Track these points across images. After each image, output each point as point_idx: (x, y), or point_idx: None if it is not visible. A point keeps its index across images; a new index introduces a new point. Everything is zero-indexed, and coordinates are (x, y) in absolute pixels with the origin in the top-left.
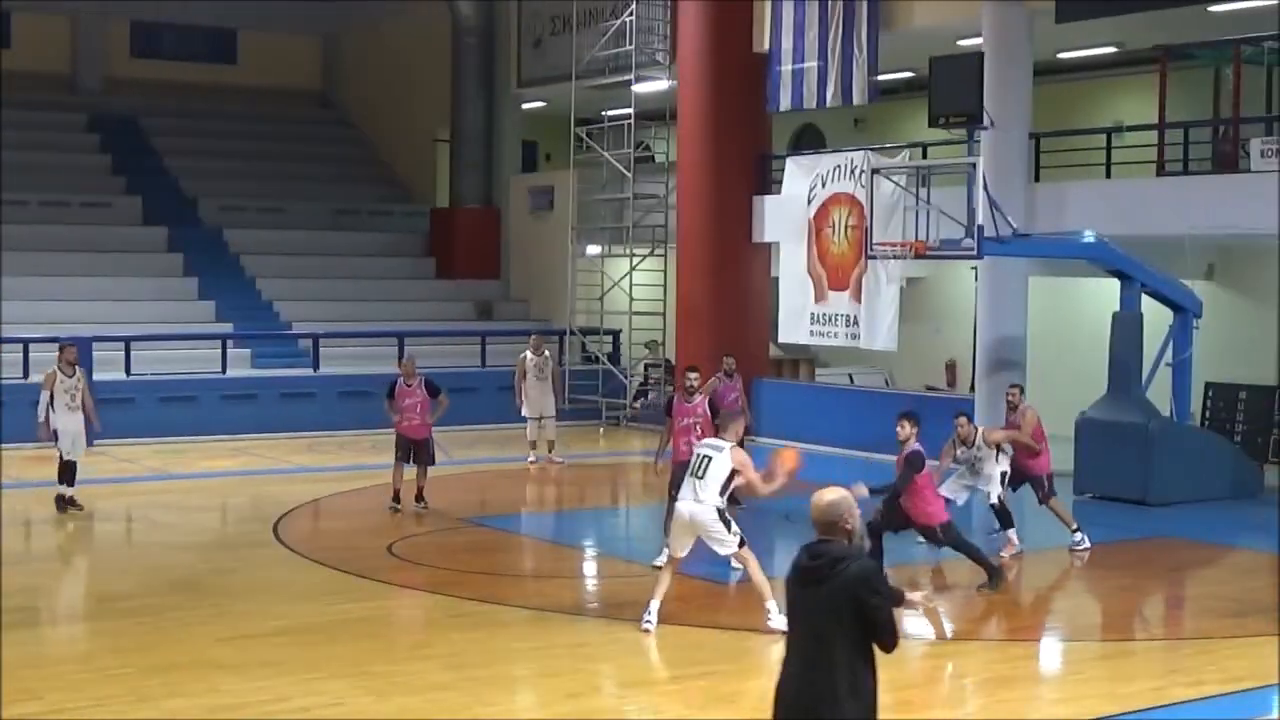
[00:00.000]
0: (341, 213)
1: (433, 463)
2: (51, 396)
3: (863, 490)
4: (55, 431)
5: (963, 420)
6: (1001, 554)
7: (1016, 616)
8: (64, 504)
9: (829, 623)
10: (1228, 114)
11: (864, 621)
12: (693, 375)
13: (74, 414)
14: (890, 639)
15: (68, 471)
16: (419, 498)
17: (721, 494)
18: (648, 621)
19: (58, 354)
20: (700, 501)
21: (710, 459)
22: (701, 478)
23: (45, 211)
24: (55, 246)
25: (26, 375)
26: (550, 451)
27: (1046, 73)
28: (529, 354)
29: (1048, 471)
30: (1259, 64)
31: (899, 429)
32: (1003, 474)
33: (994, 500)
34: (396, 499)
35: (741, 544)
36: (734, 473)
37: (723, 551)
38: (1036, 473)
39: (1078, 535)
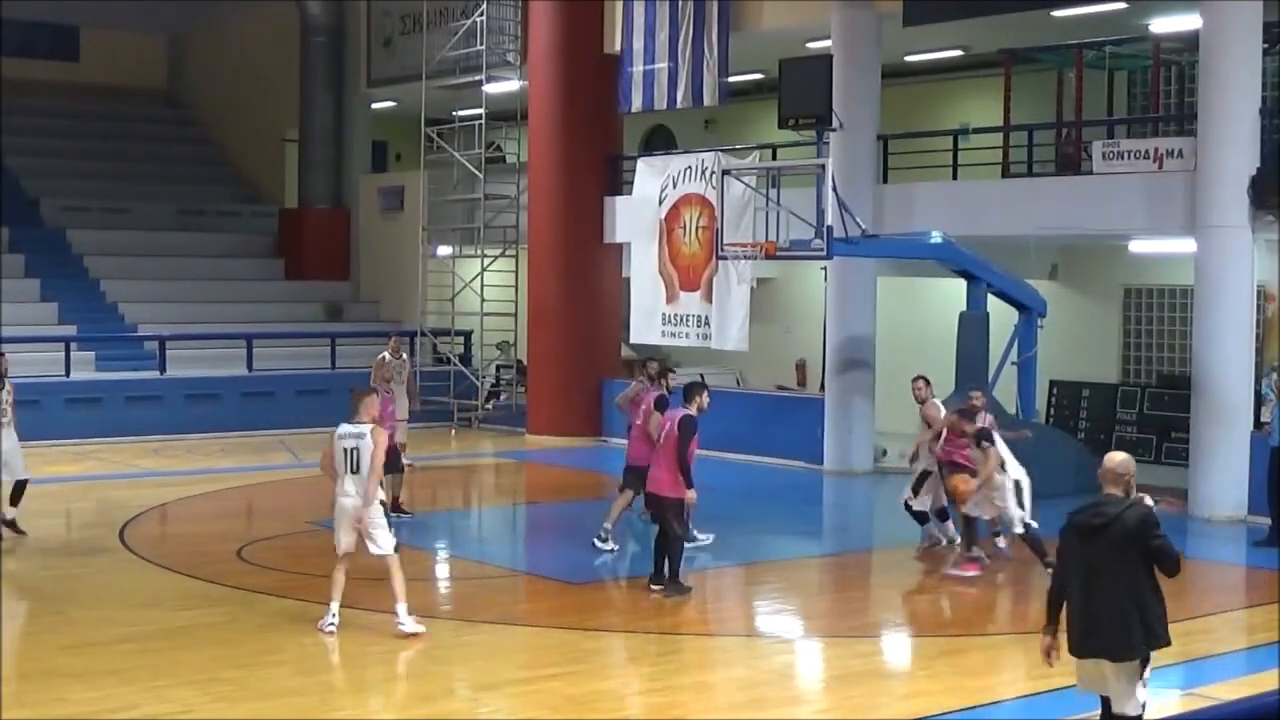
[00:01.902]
0: (187, 213)
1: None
2: None
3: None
4: None
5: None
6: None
7: (862, 614)
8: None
9: (1115, 563)
10: (1071, 117)
11: (1149, 556)
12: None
13: (7, 430)
14: (1173, 566)
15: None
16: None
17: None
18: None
19: None
20: (360, 496)
21: (357, 450)
22: (356, 471)
23: None
24: None
25: None
26: (402, 453)
27: (894, 75)
28: (387, 355)
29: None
30: (1100, 68)
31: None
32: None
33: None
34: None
35: (396, 548)
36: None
37: (375, 551)
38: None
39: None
